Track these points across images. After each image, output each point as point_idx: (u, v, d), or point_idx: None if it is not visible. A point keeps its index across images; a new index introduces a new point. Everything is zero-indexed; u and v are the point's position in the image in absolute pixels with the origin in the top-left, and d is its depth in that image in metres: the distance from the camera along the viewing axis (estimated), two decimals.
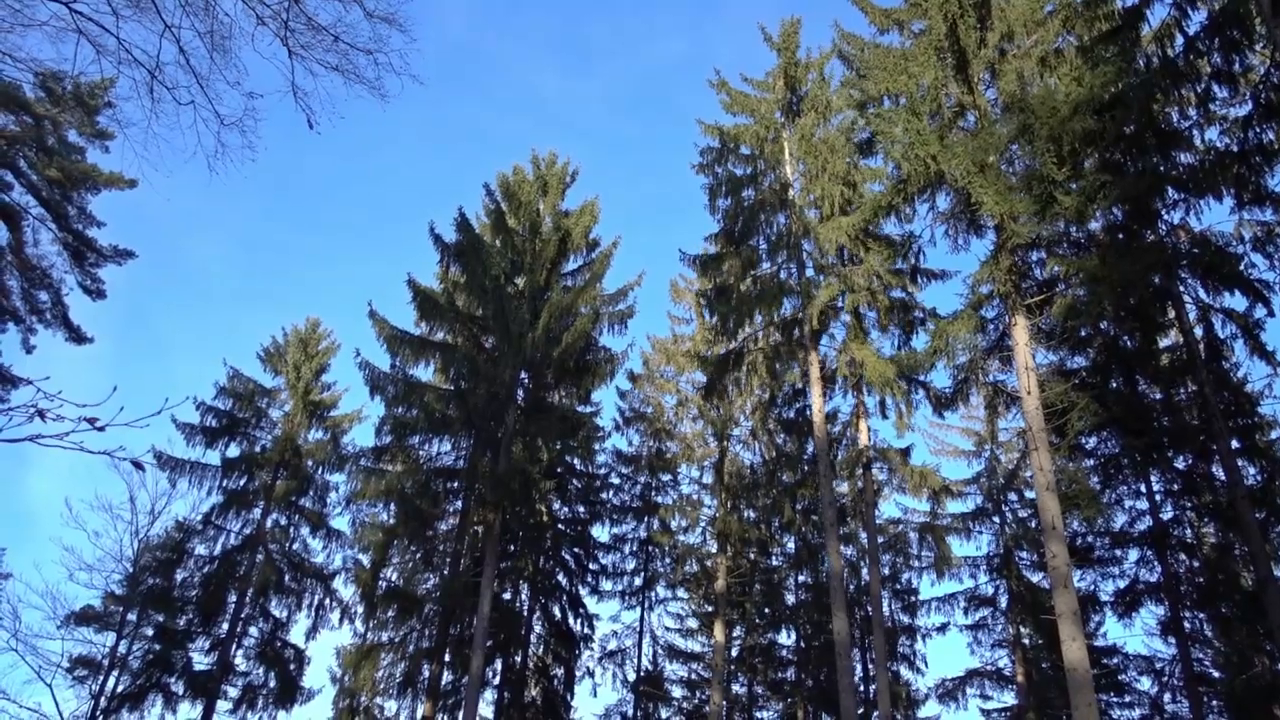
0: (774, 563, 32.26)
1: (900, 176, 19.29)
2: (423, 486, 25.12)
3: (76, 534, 60.66)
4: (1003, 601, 29.84)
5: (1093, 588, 23.90)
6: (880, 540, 26.77)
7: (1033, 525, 27.94)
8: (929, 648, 35.34)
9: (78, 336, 25.95)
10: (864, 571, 31.28)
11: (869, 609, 27.90)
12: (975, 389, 20.74)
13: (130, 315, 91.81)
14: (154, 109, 10.60)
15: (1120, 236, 19.06)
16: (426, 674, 25.07)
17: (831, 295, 23.49)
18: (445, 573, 25.69)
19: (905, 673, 31.50)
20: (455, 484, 26.29)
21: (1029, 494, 28.78)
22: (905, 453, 25.53)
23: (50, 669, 26.70)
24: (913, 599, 31.73)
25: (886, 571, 30.56)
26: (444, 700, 25.63)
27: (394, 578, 26.40)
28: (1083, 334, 20.22)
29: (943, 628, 30.84)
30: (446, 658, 25.41)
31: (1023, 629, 28.85)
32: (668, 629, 34.79)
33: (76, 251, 26.18)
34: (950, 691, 29.89)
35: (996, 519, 30.52)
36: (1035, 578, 28.90)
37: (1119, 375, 20.87)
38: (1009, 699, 29.59)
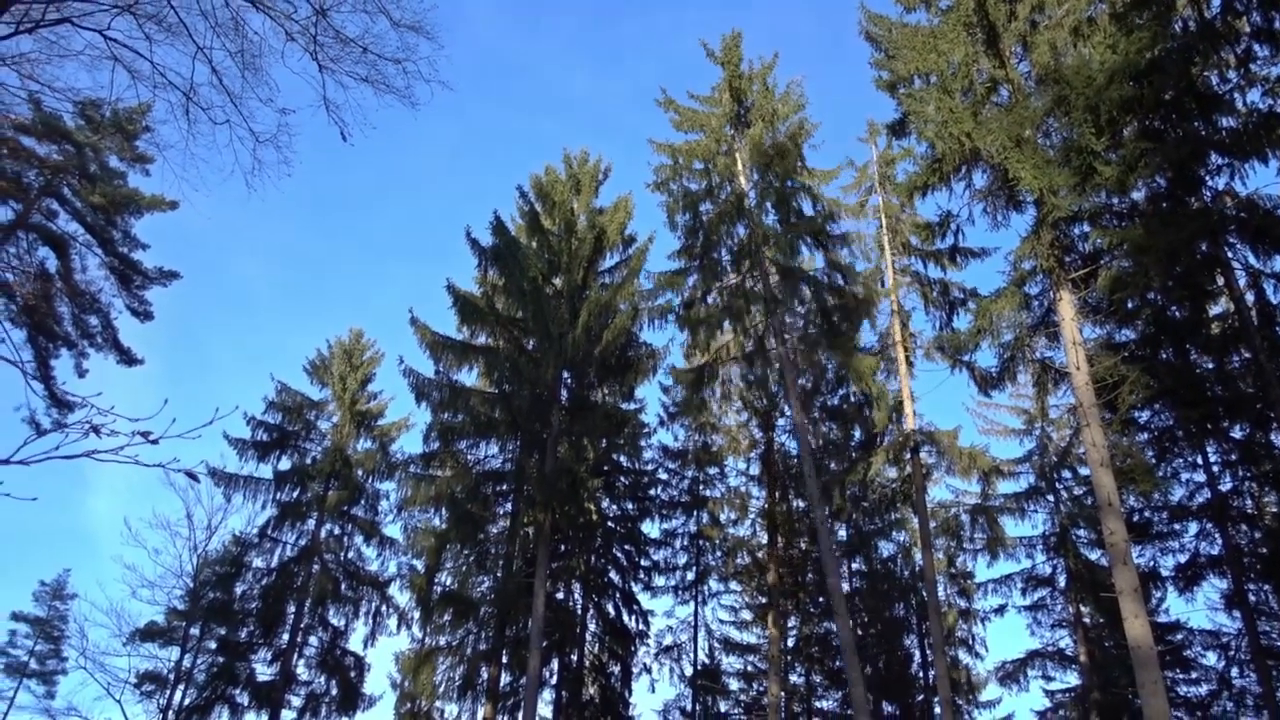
0: None
1: (934, 156, 19.09)
2: (472, 490, 25.28)
3: (137, 552, 61.82)
4: (1061, 581, 29.44)
5: (1153, 563, 23.51)
6: (932, 524, 26.51)
7: (1088, 502, 27.52)
8: (987, 631, 34.95)
9: (128, 358, 26.44)
10: (917, 556, 31.02)
11: (924, 594, 27.67)
12: (1022, 367, 20.47)
13: (178, 335, 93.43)
14: (191, 130, 10.79)
15: (1164, 205, 18.67)
16: (485, 676, 25.26)
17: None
18: (498, 575, 25.87)
19: (964, 657, 31.22)
20: (504, 486, 26.45)
21: (1083, 471, 28.35)
22: (954, 434, 25.28)
23: (119, 685, 27.30)
24: (968, 582, 31.42)
25: (940, 556, 30.28)
26: (503, 701, 25.81)
27: (448, 582, 26.60)
28: (1130, 306, 19.86)
29: (1000, 610, 30.50)
30: (504, 659, 25.58)
31: (1083, 608, 28.44)
32: (722, 622, 34.73)
33: (123, 275, 26.69)
34: (1011, 674, 29.54)
35: (1050, 498, 30.10)
36: (1093, 555, 28.48)
37: (1169, 346, 20.48)
38: (1072, 679, 29.22)
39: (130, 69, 10.42)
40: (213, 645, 28.38)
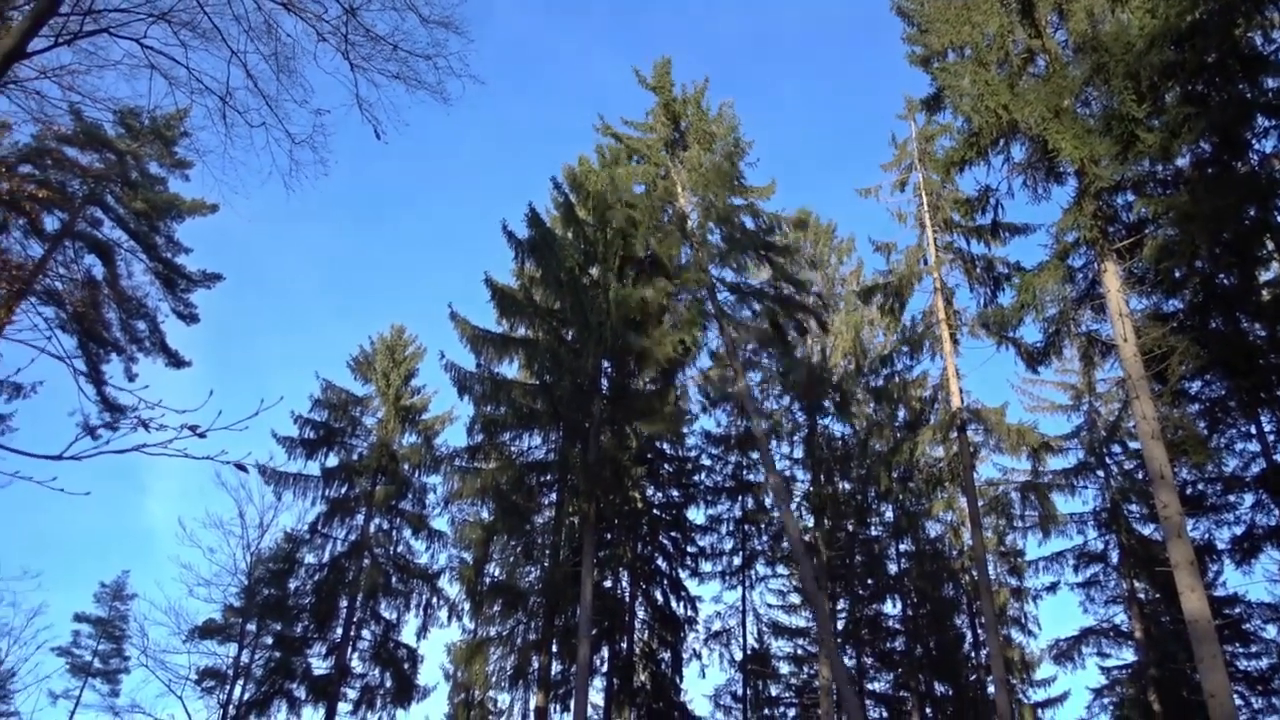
0: (873, 533, 31.92)
1: (971, 130, 18.83)
2: (517, 481, 25.40)
3: (192, 551, 63.19)
4: (1114, 557, 29.04)
5: (1208, 536, 23.12)
6: (981, 503, 26.24)
7: (1140, 476, 27.09)
8: (1040, 609, 34.53)
9: (176, 361, 26.92)
10: (966, 536, 30.76)
11: (974, 573, 27.44)
12: (1068, 341, 20.17)
13: (223, 336, 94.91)
14: (228, 134, 10.94)
15: (1209, 171, 18.24)
16: (536, 665, 25.45)
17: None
18: (545, 565, 26.00)
19: (1017, 635, 30.94)
20: (548, 477, 26.54)
21: (1133, 445, 27.91)
22: (1001, 411, 24.99)
23: (180, 682, 27.91)
24: (1019, 560, 31.11)
25: (989, 534, 29.98)
26: (555, 690, 25.97)
27: (496, 573, 26.79)
28: (1177, 275, 19.42)
29: (1052, 587, 30.19)
30: (554, 648, 25.74)
31: (1137, 583, 28.05)
32: (770, 606, 34.69)
33: (167, 279, 27.15)
34: (1065, 652, 29.20)
35: (1101, 473, 29.69)
36: (1146, 530, 28.06)
37: (1219, 315, 20.03)
38: (1128, 656, 28.82)
39: (167, 76, 10.59)
40: (269, 641, 28.86)
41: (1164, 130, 15.74)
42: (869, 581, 31.89)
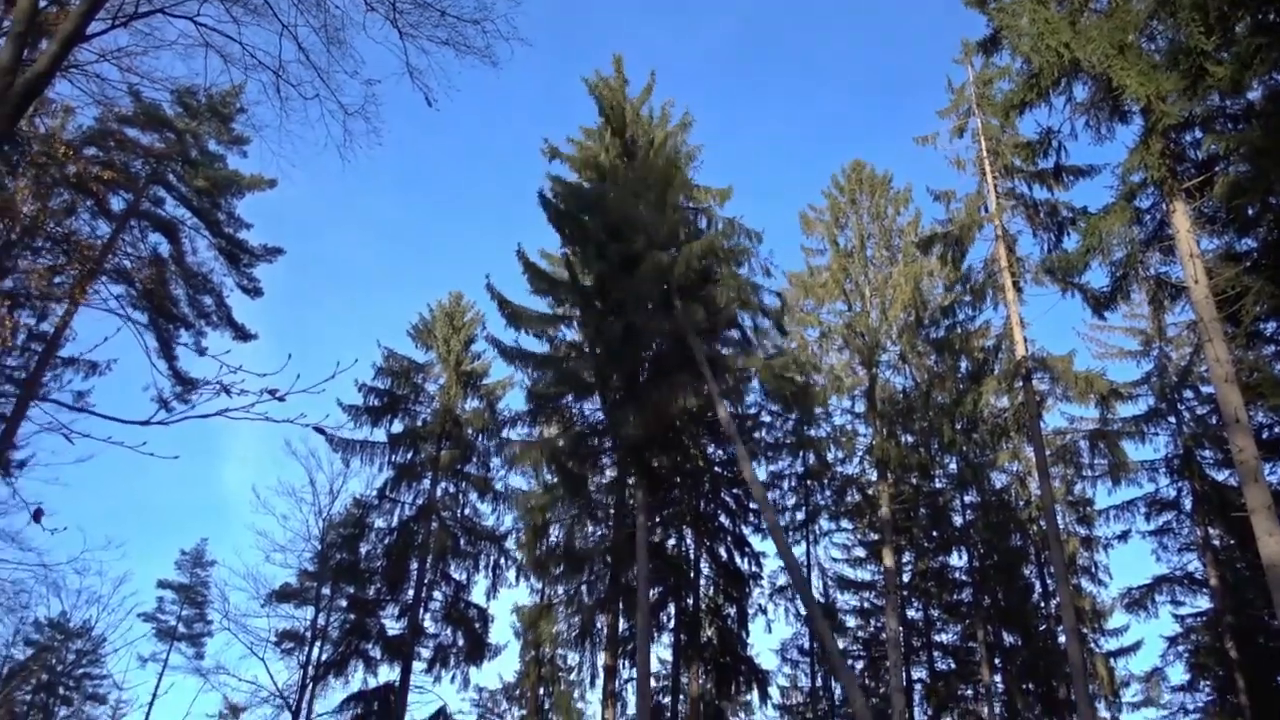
0: (937, 485, 31.66)
1: (1031, 71, 18.33)
2: (575, 444, 25.61)
3: (267, 519, 64.82)
4: (1187, 503, 28.51)
5: None
6: (1048, 452, 25.85)
7: (1213, 421, 26.48)
8: (1110, 558, 34.00)
9: (243, 334, 27.49)
10: (1033, 486, 30.39)
11: (1042, 523, 27.13)
12: (1136, 285, 19.67)
13: (286, 309, 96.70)
14: (283, 108, 11.07)
15: None
16: (602, 625, 25.83)
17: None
18: (609, 525, 26.28)
19: (1087, 585, 30.59)
20: (606, 440, 26.72)
21: (1206, 389, 27.26)
22: (1067, 359, 24.52)
23: (260, 644, 28.79)
24: (1088, 509, 30.66)
25: (1058, 484, 29.57)
26: (622, 647, 26.36)
27: (560, 535, 27.14)
28: (1250, 213, 18.79)
29: (1123, 536, 29.74)
30: (619, 607, 26.09)
31: (1211, 530, 27.52)
32: (835, 560, 34.71)
33: (231, 255, 27.66)
34: (1138, 600, 28.81)
35: (1172, 419, 29.07)
36: (1220, 476, 27.47)
37: None
38: (1203, 603, 28.38)
39: (222, 53, 10.73)
40: (343, 603, 29.62)
41: (1234, 63, 15.14)
42: (934, 534, 31.71)
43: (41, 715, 39.26)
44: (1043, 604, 30.66)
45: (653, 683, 36.34)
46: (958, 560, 32.05)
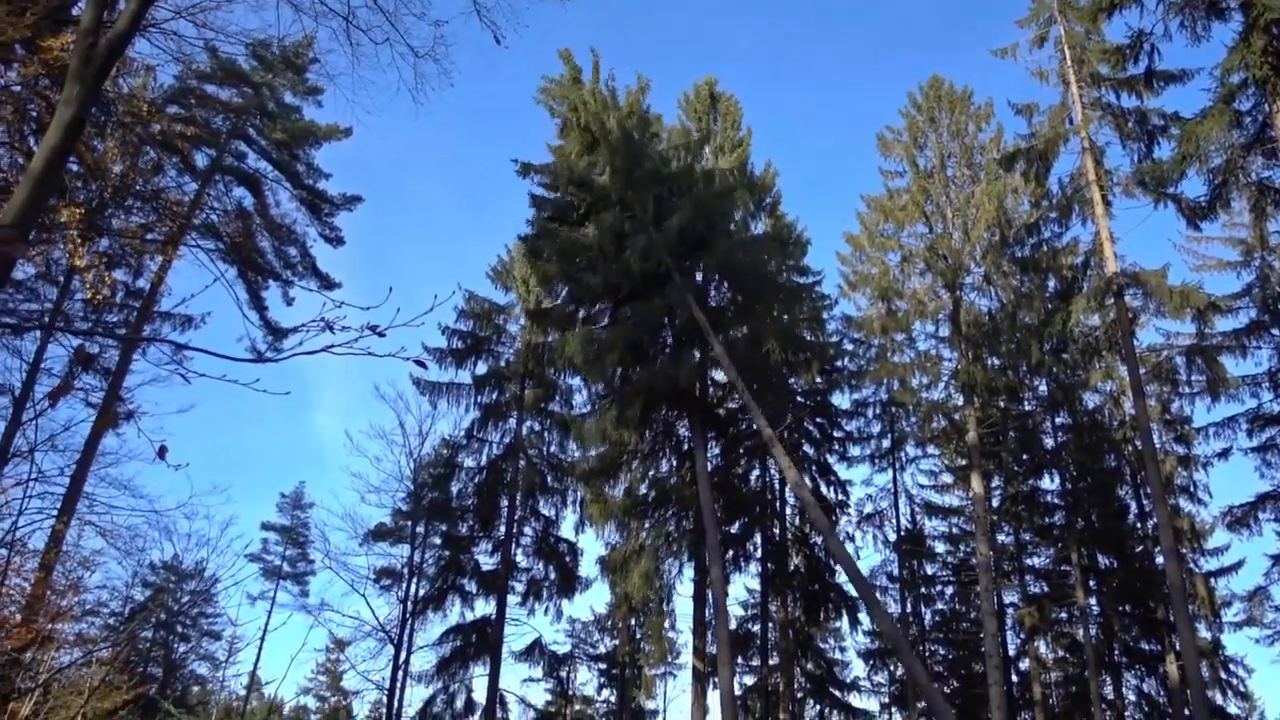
0: (1026, 408, 31.05)
1: None
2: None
3: (360, 461, 67.08)
4: None
5: None
6: (1142, 370, 25.09)
7: None
8: (1210, 476, 32.95)
9: (327, 283, 28.09)
10: (1127, 406, 29.62)
11: (1137, 443, 26.47)
12: (1235, 192, 18.84)
13: (367, 256, 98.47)
14: (354, 54, 11.15)
15: None
16: (689, 555, 26.15)
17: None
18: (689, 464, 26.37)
19: (1186, 505, 29.84)
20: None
21: None
22: (1162, 273, 23.66)
23: (361, 581, 29.91)
24: (1186, 428, 29.76)
25: (1153, 403, 28.73)
26: (706, 576, 26.66)
27: (641, 470, 27.35)
28: None
29: (1224, 454, 28.79)
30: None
31: None
32: (922, 486, 34.50)
33: (312, 205, 28.18)
34: (1240, 519, 27.97)
35: (1275, 331, 27.89)
36: None
37: None
38: None
39: (292, 2, 10.84)
40: (437, 541, 30.52)
41: None
42: (1024, 457, 31.20)
43: (163, 651, 41.54)
44: (1139, 525, 30.06)
45: (741, 610, 36.89)
46: (1049, 483, 31.61)
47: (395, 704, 28.45)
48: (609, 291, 23.18)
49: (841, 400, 31.71)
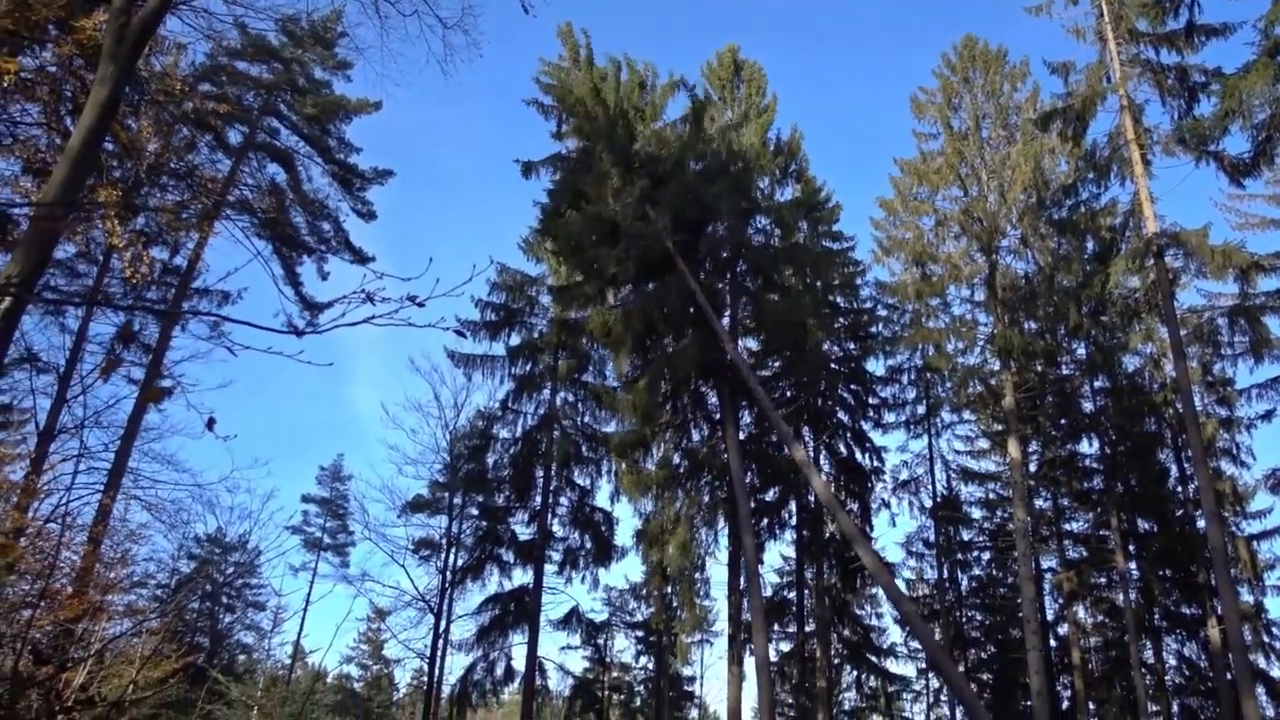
0: (1064, 371, 30.71)
1: None
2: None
3: (397, 434, 67.86)
4: None
5: None
6: (1183, 332, 24.70)
7: None
8: (1253, 439, 32.43)
9: (361, 257, 28.24)
10: (1167, 368, 29.21)
11: (1178, 406, 26.12)
12: None
13: (398, 229, 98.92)
14: (383, 27, 11.16)
15: None
16: (724, 523, 26.22)
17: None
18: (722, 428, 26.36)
19: (1228, 467, 29.45)
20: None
21: None
22: (1203, 233, 23.21)
23: (400, 551, 30.33)
24: (1228, 390, 29.31)
25: (1194, 364, 28.31)
26: (740, 544, 26.74)
27: (674, 439, 27.39)
28: None
29: (1267, 415, 28.36)
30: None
31: None
32: (958, 452, 34.32)
33: (344, 179, 28.29)
34: None
35: None
36: None
37: None
38: None
39: None
40: (475, 512, 30.81)
41: None
42: (1062, 422, 30.89)
43: (210, 622, 42.41)
44: (1179, 488, 29.73)
45: (777, 578, 36.96)
46: (1087, 447, 31.31)
47: (436, 672, 28.91)
48: (623, 273, 23.33)
49: (876, 366, 31.58)
